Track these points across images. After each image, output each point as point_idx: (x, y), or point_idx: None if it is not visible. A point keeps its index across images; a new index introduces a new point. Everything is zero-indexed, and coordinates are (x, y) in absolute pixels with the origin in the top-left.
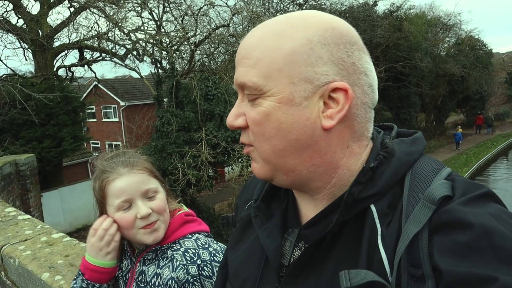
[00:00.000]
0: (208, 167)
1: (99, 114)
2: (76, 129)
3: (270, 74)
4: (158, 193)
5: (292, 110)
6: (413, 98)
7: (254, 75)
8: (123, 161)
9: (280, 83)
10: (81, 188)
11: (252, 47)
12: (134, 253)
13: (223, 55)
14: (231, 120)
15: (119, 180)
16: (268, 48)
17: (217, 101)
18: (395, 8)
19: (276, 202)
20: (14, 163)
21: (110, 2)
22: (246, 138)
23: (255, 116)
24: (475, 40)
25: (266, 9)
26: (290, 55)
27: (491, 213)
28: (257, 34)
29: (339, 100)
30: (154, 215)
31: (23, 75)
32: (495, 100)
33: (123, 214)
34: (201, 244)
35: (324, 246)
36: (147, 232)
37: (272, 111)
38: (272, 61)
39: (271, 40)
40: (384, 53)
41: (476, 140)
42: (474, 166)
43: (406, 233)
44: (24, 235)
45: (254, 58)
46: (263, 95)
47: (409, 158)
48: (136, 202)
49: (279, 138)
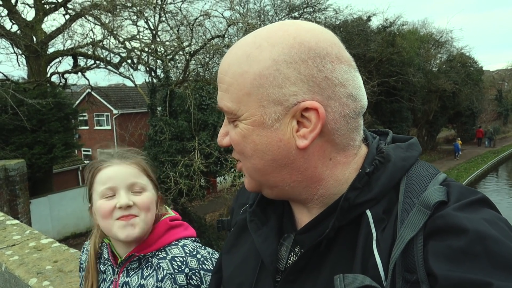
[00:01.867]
0: (200, 176)
1: (92, 122)
2: (67, 136)
3: (241, 99)
4: (146, 191)
5: (265, 132)
6: (405, 113)
7: (227, 100)
8: (118, 153)
9: (251, 107)
10: (70, 196)
11: (224, 71)
12: (117, 262)
13: (217, 66)
14: (220, 140)
15: (109, 168)
16: (236, 73)
17: (211, 111)
18: (388, 24)
19: (271, 206)
20: (4, 169)
21: (106, 10)
22: (235, 155)
23: (234, 136)
24: (466, 57)
25: (262, 21)
26: (256, 79)
27: (486, 219)
28: (228, 59)
29: (311, 119)
30: (135, 209)
31: (16, 81)
32: (486, 116)
33: (104, 201)
34: (189, 251)
35: (320, 251)
36: (122, 224)
37: (247, 133)
38: (241, 87)
39: (238, 65)
40: (377, 68)
41: (467, 156)
42: (464, 182)
43: (401, 238)
44: (12, 240)
45: (226, 83)
46: (238, 119)
47: (404, 164)
48: (120, 191)
49: (256, 158)
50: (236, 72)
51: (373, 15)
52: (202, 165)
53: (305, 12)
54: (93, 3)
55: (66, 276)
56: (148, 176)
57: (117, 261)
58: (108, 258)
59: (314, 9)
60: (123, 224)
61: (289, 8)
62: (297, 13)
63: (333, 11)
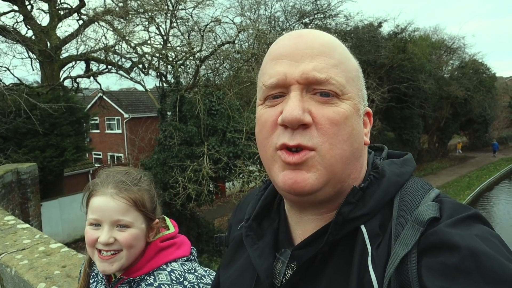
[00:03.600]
0: (209, 181)
1: (103, 126)
2: (79, 139)
3: (348, 80)
4: (131, 228)
5: (358, 119)
6: (416, 119)
7: (337, 74)
8: (116, 181)
9: (354, 92)
10: (81, 199)
11: (331, 47)
12: (110, 282)
13: (227, 71)
14: (300, 114)
15: (98, 198)
16: (344, 55)
17: (220, 116)
18: (399, 30)
19: (267, 221)
20: (16, 172)
21: (118, 16)
22: (307, 139)
23: (332, 115)
24: (479, 63)
25: (272, 27)
26: (357, 70)
27: (478, 235)
28: (327, 36)
29: (367, 122)
30: (117, 245)
31: (30, 85)
32: (498, 123)
33: (90, 229)
34: (176, 277)
35: (316, 266)
36: (99, 259)
37: (350, 115)
38: (349, 69)
39: (343, 49)
40: (388, 74)
41: (479, 164)
42: (476, 189)
43: (395, 255)
44: (22, 244)
45: (335, 59)
46: (342, 97)
47: (398, 179)
48: (104, 226)
49: (349, 144)
50: (344, 54)
51: (384, 21)
52: (211, 170)
53: (315, 18)
54: (106, 9)
55: (74, 281)
56: (140, 210)
57: (111, 281)
58: (102, 277)
59: (325, 15)
60: (100, 260)
61: (300, 14)
62: (307, 19)
63: (344, 18)
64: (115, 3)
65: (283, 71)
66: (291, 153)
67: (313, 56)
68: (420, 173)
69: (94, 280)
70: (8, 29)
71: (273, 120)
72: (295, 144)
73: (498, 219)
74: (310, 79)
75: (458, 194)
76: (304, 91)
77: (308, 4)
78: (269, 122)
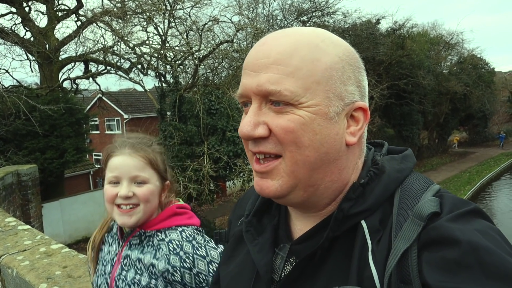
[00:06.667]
0: (210, 181)
1: (102, 126)
2: (79, 140)
3: (309, 86)
4: (148, 184)
5: (326, 123)
6: (415, 116)
7: (291, 84)
8: (131, 142)
9: (318, 96)
10: (82, 200)
11: (288, 54)
12: (122, 236)
13: (226, 70)
14: (250, 129)
15: (117, 158)
16: (306, 58)
17: (220, 115)
18: (397, 27)
19: (267, 217)
20: (16, 174)
21: (116, 16)
22: (272, 147)
23: (286, 123)
24: (478, 58)
25: (270, 25)
26: (328, 70)
27: (478, 230)
28: (288, 41)
29: (359, 119)
30: (135, 199)
31: (29, 87)
32: (498, 118)
33: (110, 187)
34: (186, 236)
35: (315, 261)
36: (119, 213)
37: (308, 121)
38: (311, 73)
39: (308, 50)
40: (386, 71)
41: (479, 159)
42: (477, 185)
43: (396, 250)
44: (23, 245)
45: (291, 66)
46: (299, 105)
47: (399, 175)
48: (123, 182)
49: (312, 149)
50: (306, 57)
51: (382, 18)
52: (211, 169)
53: (313, 16)
54: (104, 10)
55: (75, 281)
56: (154, 168)
57: (123, 235)
58: (116, 233)
59: (323, 13)
60: (119, 213)
61: (298, 12)
62: (305, 17)
63: (342, 15)
64: (113, 3)
65: (244, 82)
66: (258, 163)
67: (268, 66)
68: (421, 169)
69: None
70: (7, 31)
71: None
72: (257, 151)
73: (498, 213)
74: (263, 91)
75: (459, 190)
76: (263, 102)
77: (306, 2)
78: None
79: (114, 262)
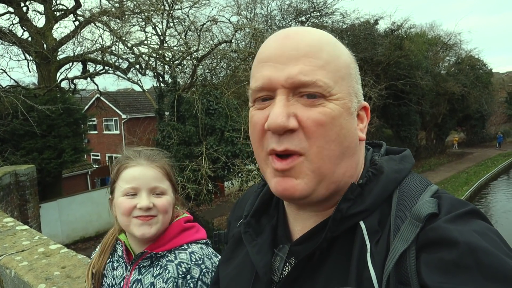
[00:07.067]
0: (208, 181)
1: (100, 126)
2: (77, 141)
3: (337, 80)
4: (166, 195)
5: (349, 118)
6: (413, 116)
7: (324, 76)
8: (147, 154)
9: (343, 91)
10: (79, 200)
11: (317, 47)
12: (130, 260)
13: (225, 70)
14: (284, 120)
15: (135, 168)
16: (332, 53)
17: (218, 115)
18: (395, 27)
19: (266, 217)
20: (14, 174)
21: (114, 16)
22: (295, 144)
23: (318, 116)
24: (475, 59)
25: (269, 25)
26: (347, 67)
27: (476, 230)
28: (314, 36)
29: (363, 117)
30: (154, 210)
31: (27, 87)
32: (495, 119)
33: (126, 199)
34: (195, 259)
35: (314, 262)
36: (139, 223)
37: (338, 115)
38: (338, 68)
39: (332, 47)
40: (384, 71)
41: (477, 159)
42: (474, 185)
43: (394, 251)
44: (21, 246)
45: (322, 59)
46: (329, 97)
47: (397, 176)
48: (142, 193)
49: (337, 144)
50: (333, 52)
51: (380, 19)
52: (209, 169)
53: (312, 16)
54: (102, 10)
55: (74, 282)
56: (170, 180)
57: (131, 258)
58: (122, 256)
59: (321, 13)
60: (140, 223)
61: (296, 12)
62: (304, 17)
63: (340, 15)
64: (111, 3)
65: (268, 75)
66: (279, 159)
67: (299, 58)
68: (418, 170)
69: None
70: (4, 31)
71: (261, 124)
72: (282, 149)
73: (496, 214)
74: (296, 83)
75: (457, 190)
76: (291, 94)
77: (304, 2)
78: (258, 125)
79: (122, 287)
